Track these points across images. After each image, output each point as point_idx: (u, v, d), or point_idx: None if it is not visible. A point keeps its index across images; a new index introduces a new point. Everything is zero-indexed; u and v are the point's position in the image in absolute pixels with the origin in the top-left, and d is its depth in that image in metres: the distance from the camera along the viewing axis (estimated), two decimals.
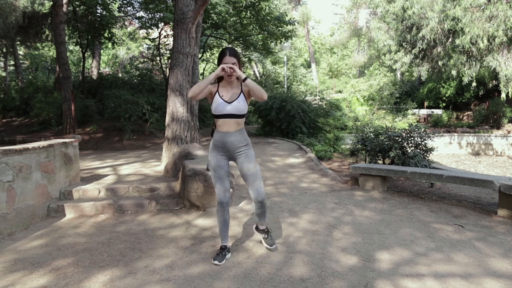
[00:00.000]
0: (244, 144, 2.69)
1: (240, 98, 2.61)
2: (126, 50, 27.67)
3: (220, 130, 2.66)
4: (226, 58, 2.55)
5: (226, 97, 2.61)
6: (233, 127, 2.64)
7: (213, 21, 13.32)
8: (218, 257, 2.70)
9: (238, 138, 2.66)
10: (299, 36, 30.97)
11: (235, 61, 2.56)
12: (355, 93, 19.06)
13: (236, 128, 2.65)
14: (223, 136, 2.65)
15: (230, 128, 2.63)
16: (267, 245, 2.87)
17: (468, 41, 11.66)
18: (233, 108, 2.59)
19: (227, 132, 2.64)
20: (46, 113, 11.79)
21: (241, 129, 2.68)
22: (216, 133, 2.70)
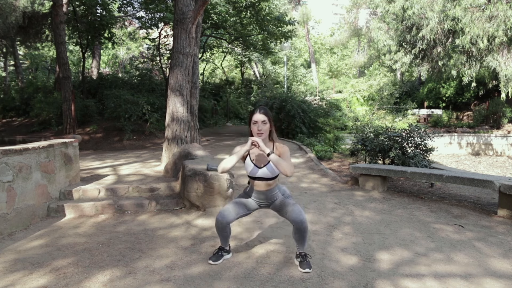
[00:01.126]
0: (280, 196, 2.73)
1: (270, 163, 2.60)
2: (126, 50, 27.67)
3: (255, 188, 2.72)
4: (256, 115, 2.56)
5: (256, 161, 2.64)
6: (265, 187, 2.68)
7: (213, 21, 13.33)
8: (214, 257, 2.71)
9: (272, 194, 2.70)
10: (299, 36, 30.97)
11: (265, 118, 2.56)
12: (355, 93, 19.06)
13: (268, 188, 2.68)
14: (258, 194, 2.72)
15: (263, 188, 2.68)
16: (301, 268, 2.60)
17: (468, 41, 11.66)
18: (263, 173, 2.62)
19: (259, 191, 2.70)
20: (46, 113, 11.79)
21: (273, 188, 2.71)
22: (251, 189, 2.76)
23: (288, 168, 2.46)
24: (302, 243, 2.64)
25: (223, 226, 2.64)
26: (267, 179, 2.64)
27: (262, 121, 2.55)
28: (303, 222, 2.55)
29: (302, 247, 2.65)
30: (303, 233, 2.59)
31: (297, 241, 2.64)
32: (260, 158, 2.63)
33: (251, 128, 2.61)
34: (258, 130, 2.55)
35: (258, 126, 2.55)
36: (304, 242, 2.64)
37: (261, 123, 2.55)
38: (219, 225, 2.64)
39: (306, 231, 2.60)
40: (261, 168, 2.62)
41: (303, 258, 2.63)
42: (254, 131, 2.57)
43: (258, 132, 2.55)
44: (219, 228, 2.66)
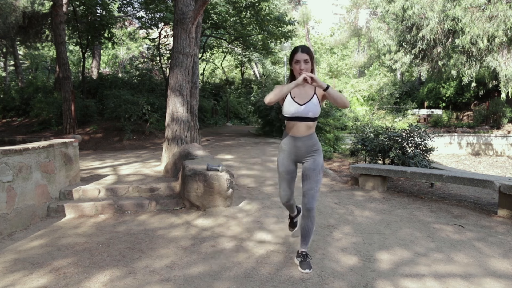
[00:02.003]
0: (313, 150, 2.54)
1: (313, 99, 2.45)
2: (126, 50, 27.67)
3: (290, 133, 2.54)
4: (298, 54, 2.42)
5: (298, 98, 2.46)
6: (304, 131, 2.49)
7: (213, 21, 13.33)
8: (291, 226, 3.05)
9: (309, 143, 2.52)
10: (299, 36, 30.96)
11: (307, 57, 2.42)
12: (355, 93, 19.06)
13: (307, 133, 2.50)
14: (293, 140, 2.53)
15: (301, 132, 2.50)
16: (303, 268, 2.56)
17: (468, 41, 11.66)
18: (305, 110, 2.44)
19: (297, 136, 2.51)
20: (46, 113, 11.79)
21: (312, 133, 2.54)
22: (286, 137, 2.59)
23: (345, 99, 2.37)
24: (306, 239, 2.59)
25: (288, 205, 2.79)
26: (309, 119, 2.47)
27: (304, 60, 2.41)
28: (309, 210, 2.50)
29: (305, 244, 2.61)
30: (310, 223, 2.53)
31: (304, 234, 2.58)
32: (301, 95, 2.47)
33: (292, 67, 2.48)
34: (300, 69, 2.41)
35: (301, 65, 2.41)
36: (309, 237, 2.60)
37: (303, 62, 2.41)
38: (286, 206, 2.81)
39: (314, 222, 2.55)
40: (302, 105, 2.44)
41: (303, 258, 2.60)
42: (297, 71, 2.43)
43: (301, 71, 2.40)
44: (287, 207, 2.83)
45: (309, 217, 2.52)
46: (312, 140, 2.54)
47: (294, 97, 2.48)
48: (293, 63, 2.46)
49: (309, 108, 2.44)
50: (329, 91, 2.35)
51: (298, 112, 2.45)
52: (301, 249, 2.63)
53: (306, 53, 2.42)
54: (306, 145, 2.52)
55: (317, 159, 2.54)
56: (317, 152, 2.56)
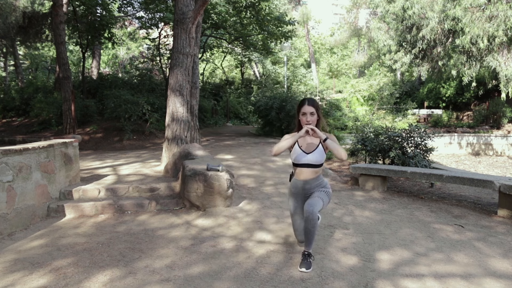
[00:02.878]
0: (320, 187, 2.77)
1: (318, 149, 2.70)
2: (126, 50, 27.67)
3: (298, 178, 2.78)
4: (305, 107, 2.66)
5: (304, 147, 2.72)
6: (310, 175, 2.73)
7: (213, 21, 13.33)
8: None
9: (316, 183, 2.76)
10: (299, 36, 30.96)
11: (313, 110, 2.66)
12: (355, 93, 19.06)
13: (313, 176, 2.74)
14: (302, 184, 2.76)
15: (308, 176, 2.74)
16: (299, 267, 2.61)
17: (468, 41, 11.66)
18: (311, 159, 2.69)
19: (305, 180, 2.75)
20: (46, 113, 11.79)
21: (317, 176, 2.77)
22: (294, 181, 2.81)
23: (343, 152, 2.59)
24: (308, 240, 2.63)
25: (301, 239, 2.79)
26: (314, 166, 2.71)
27: (310, 113, 2.65)
28: (310, 213, 2.55)
29: (308, 245, 2.65)
30: (310, 226, 2.57)
31: (305, 236, 2.64)
32: (308, 145, 2.72)
33: (299, 118, 2.71)
34: (307, 121, 2.65)
35: (307, 117, 2.66)
36: (311, 239, 2.63)
37: (309, 115, 2.66)
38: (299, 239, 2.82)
39: (314, 226, 2.58)
40: (308, 154, 2.69)
41: (304, 257, 2.63)
42: (303, 122, 2.67)
43: (307, 123, 2.65)
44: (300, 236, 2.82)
45: (308, 220, 2.56)
46: (319, 181, 2.78)
47: (301, 146, 2.74)
48: (300, 114, 2.71)
49: (314, 157, 2.70)
50: (327, 142, 2.63)
51: (305, 160, 2.71)
52: (304, 249, 2.69)
53: (312, 105, 2.68)
54: (313, 186, 2.77)
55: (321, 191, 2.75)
56: (324, 189, 2.78)
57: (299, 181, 2.76)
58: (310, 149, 2.70)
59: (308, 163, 2.70)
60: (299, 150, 2.72)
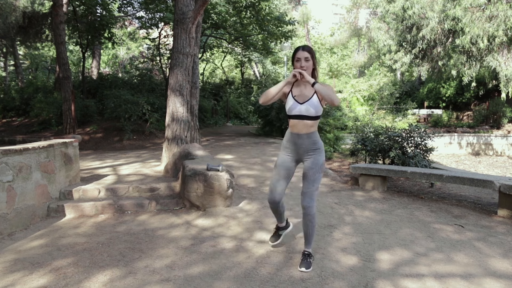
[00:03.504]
0: (314, 148, 2.58)
1: (313, 99, 2.51)
2: (126, 50, 27.67)
3: (292, 131, 2.61)
4: (299, 53, 2.50)
5: (298, 98, 2.54)
6: (305, 129, 2.55)
7: (213, 21, 13.32)
8: (273, 237, 2.86)
9: (309, 141, 2.57)
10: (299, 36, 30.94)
11: (307, 55, 2.49)
12: (355, 93, 19.05)
13: (307, 131, 2.55)
14: (294, 137, 2.60)
15: (301, 130, 2.55)
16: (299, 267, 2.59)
17: (468, 41, 11.66)
18: (304, 109, 2.51)
19: (298, 133, 2.57)
20: (46, 113, 11.79)
21: (312, 132, 2.57)
22: (287, 134, 2.66)
23: (334, 96, 2.37)
24: (307, 238, 2.63)
25: (275, 207, 2.70)
26: (307, 118, 2.52)
27: (305, 58, 2.49)
28: (305, 208, 2.55)
29: (307, 244, 2.65)
30: (308, 221, 2.57)
31: (304, 235, 2.64)
32: (302, 94, 2.54)
33: (294, 66, 2.55)
34: (300, 66, 2.49)
35: (301, 63, 2.49)
36: (310, 238, 2.63)
37: (304, 60, 2.49)
38: (272, 206, 2.71)
39: (312, 222, 2.57)
40: (302, 104, 2.51)
41: (303, 257, 2.63)
42: (297, 68, 2.51)
43: (301, 69, 2.49)
44: (273, 209, 2.74)
45: (306, 215, 2.56)
46: (313, 139, 2.58)
47: (295, 96, 2.56)
48: (295, 61, 2.53)
49: (309, 107, 2.50)
50: (315, 86, 2.42)
51: (298, 110, 2.52)
52: (304, 248, 2.68)
53: (307, 51, 2.50)
54: (306, 143, 2.57)
55: (317, 158, 2.58)
56: (318, 151, 2.59)
57: (293, 134, 2.59)
58: (303, 99, 2.52)
59: (301, 114, 2.51)
60: (292, 100, 2.54)
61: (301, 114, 2.51)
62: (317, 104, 2.51)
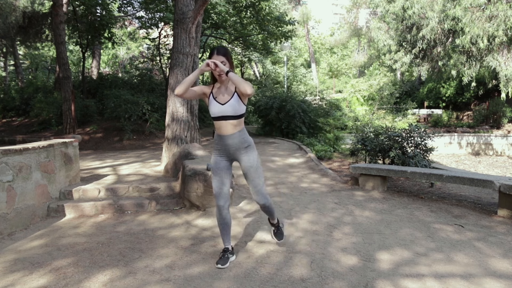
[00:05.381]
0: (244, 146, 2.60)
1: (233, 98, 2.53)
2: (126, 50, 27.67)
3: (219, 133, 2.61)
4: (214, 57, 2.51)
5: (219, 98, 2.56)
6: (231, 129, 2.55)
7: (213, 21, 13.32)
8: (221, 260, 2.64)
9: (237, 140, 2.58)
10: (299, 36, 30.96)
11: (223, 59, 2.51)
12: (355, 93, 19.05)
13: (233, 130, 2.56)
14: (222, 138, 2.60)
15: (228, 131, 2.56)
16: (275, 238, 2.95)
17: (468, 41, 11.66)
18: (227, 109, 2.51)
19: (225, 134, 2.57)
20: (46, 113, 11.79)
21: (240, 131, 2.58)
22: (216, 136, 2.67)
23: (248, 85, 2.37)
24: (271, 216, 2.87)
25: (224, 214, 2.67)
26: (231, 118, 2.53)
27: (221, 62, 2.50)
28: (265, 206, 2.72)
29: (272, 218, 2.89)
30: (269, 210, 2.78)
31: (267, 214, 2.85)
32: (223, 94, 2.57)
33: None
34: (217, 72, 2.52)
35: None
36: (273, 214, 2.85)
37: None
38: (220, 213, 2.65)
39: (271, 208, 2.78)
40: (223, 105, 2.53)
41: (276, 228, 2.88)
42: (215, 74, 2.54)
43: (219, 74, 2.51)
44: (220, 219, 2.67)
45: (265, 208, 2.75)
46: (241, 138, 2.59)
47: (216, 97, 2.58)
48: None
49: (230, 107, 2.52)
50: (229, 75, 2.43)
51: (221, 111, 2.53)
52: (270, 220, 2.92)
53: (222, 55, 2.53)
54: (235, 143, 2.59)
55: (251, 156, 2.63)
56: (249, 148, 2.63)
57: (220, 136, 2.60)
58: (225, 100, 2.53)
59: (225, 114, 2.52)
60: (214, 101, 2.55)
61: (224, 114, 2.53)
62: (238, 103, 2.53)
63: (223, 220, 2.68)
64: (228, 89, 2.57)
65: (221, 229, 2.72)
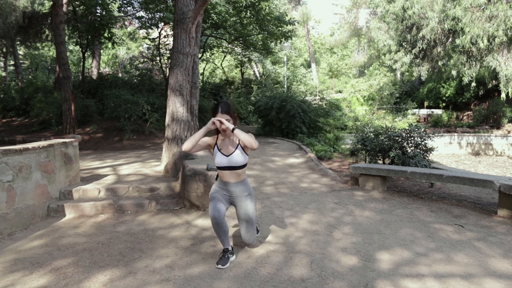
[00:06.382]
0: (245, 194, 2.80)
1: (237, 150, 2.72)
2: (126, 50, 27.67)
3: (222, 179, 2.79)
4: (218, 115, 2.65)
5: (224, 150, 2.74)
6: (234, 178, 2.76)
7: (213, 21, 13.32)
8: (221, 261, 2.65)
9: (239, 188, 2.78)
10: (299, 36, 30.96)
11: (228, 117, 2.66)
12: (355, 93, 19.04)
13: (236, 179, 2.77)
14: (225, 185, 2.79)
15: (231, 179, 2.76)
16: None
17: (468, 41, 11.66)
18: (231, 161, 2.70)
19: (228, 182, 2.77)
20: (46, 113, 11.79)
21: (242, 180, 2.79)
22: (218, 181, 2.84)
23: (253, 141, 2.59)
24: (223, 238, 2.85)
25: (220, 221, 2.64)
26: (235, 168, 2.72)
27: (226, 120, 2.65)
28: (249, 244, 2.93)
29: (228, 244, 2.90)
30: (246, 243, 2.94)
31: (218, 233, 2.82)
32: (227, 146, 2.74)
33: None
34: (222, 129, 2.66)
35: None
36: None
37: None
38: (217, 220, 2.63)
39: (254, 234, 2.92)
40: (228, 156, 2.71)
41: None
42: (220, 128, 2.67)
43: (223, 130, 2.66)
44: (217, 224, 2.64)
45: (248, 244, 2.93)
46: (243, 186, 2.80)
47: (221, 149, 2.76)
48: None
49: (234, 158, 2.71)
50: (235, 132, 2.61)
51: (224, 162, 2.72)
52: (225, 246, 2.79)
53: (226, 113, 2.67)
54: (238, 190, 2.79)
55: (249, 205, 2.80)
56: (249, 197, 2.81)
57: (224, 182, 2.78)
58: (229, 151, 2.73)
59: (229, 165, 2.71)
60: (219, 153, 2.74)
61: (229, 165, 2.72)
62: (242, 154, 2.73)
63: (218, 227, 2.67)
64: (232, 141, 2.76)
65: (219, 235, 2.72)
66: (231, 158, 2.70)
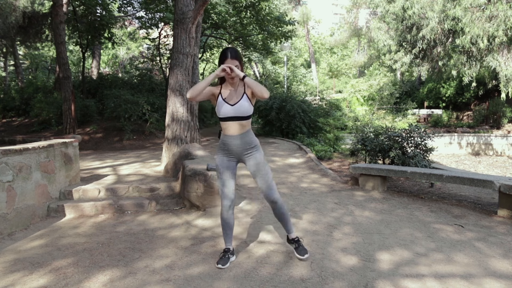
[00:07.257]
0: (251, 147, 2.60)
1: (243, 99, 2.52)
2: (126, 50, 27.67)
3: (225, 133, 2.59)
4: (228, 61, 2.48)
5: (228, 99, 2.53)
6: (238, 130, 2.55)
7: (213, 21, 13.33)
8: (222, 260, 2.63)
9: (244, 141, 2.57)
10: (299, 36, 30.97)
11: (237, 63, 2.50)
12: (355, 93, 19.06)
13: (241, 131, 2.56)
14: (228, 139, 2.58)
15: (235, 131, 2.55)
16: (298, 255, 2.70)
17: (468, 41, 11.66)
18: (236, 110, 2.50)
19: (232, 135, 2.56)
20: (46, 113, 11.79)
21: (246, 132, 2.58)
22: (222, 136, 2.64)
23: (264, 89, 2.42)
24: (285, 224, 2.73)
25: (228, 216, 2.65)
26: (241, 118, 2.53)
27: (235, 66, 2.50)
28: (274, 202, 2.63)
29: (288, 229, 2.75)
30: (280, 211, 2.66)
31: (280, 221, 2.74)
32: (232, 95, 2.55)
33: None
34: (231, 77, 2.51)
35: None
36: (287, 222, 2.72)
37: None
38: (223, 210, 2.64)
39: (283, 209, 2.67)
40: (233, 106, 2.51)
41: (296, 243, 2.72)
42: (227, 77, 2.53)
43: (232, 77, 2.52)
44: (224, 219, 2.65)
45: (277, 207, 2.66)
46: (248, 138, 2.59)
47: (225, 98, 2.55)
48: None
49: (240, 108, 2.51)
50: (246, 80, 2.44)
51: (230, 112, 2.52)
52: (288, 234, 2.77)
53: (235, 58, 2.50)
54: (242, 143, 2.58)
55: (257, 156, 2.61)
56: (255, 148, 2.63)
57: (227, 137, 2.58)
58: (234, 100, 2.52)
59: (234, 115, 2.50)
60: (223, 102, 2.53)
61: (234, 115, 2.51)
62: (248, 103, 2.53)
63: (225, 221, 2.68)
64: (237, 89, 2.57)
65: (223, 230, 2.72)
66: (237, 107, 2.49)
